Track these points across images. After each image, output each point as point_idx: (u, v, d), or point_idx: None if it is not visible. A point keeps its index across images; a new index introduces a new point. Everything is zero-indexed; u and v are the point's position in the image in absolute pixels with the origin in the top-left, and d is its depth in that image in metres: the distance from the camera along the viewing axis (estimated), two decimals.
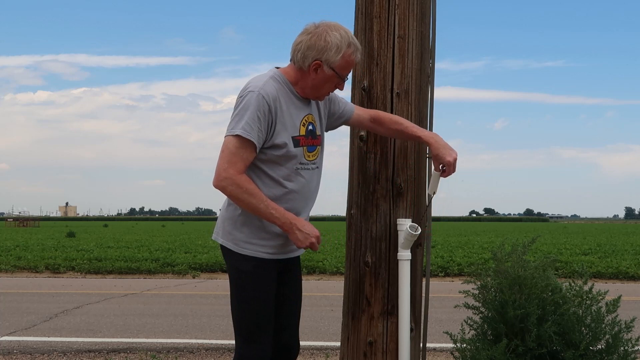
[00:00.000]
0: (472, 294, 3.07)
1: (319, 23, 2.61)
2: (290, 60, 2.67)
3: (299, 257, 2.81)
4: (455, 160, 2.74)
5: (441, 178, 2.78)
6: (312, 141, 2.68)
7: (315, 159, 2.71)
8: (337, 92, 2.77)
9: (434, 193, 2.84)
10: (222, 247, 2.68)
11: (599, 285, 3.63)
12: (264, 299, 2.63)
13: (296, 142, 2.60)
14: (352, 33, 2.71)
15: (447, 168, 2.74)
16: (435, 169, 2.78)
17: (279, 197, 2.59)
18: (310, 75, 2.60)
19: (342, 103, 2.87)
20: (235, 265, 2.63)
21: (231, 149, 2.48)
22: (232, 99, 2.65)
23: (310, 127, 2.69)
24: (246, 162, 2.50)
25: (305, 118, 2.67)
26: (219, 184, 2.50)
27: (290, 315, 2.81)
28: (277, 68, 2.69)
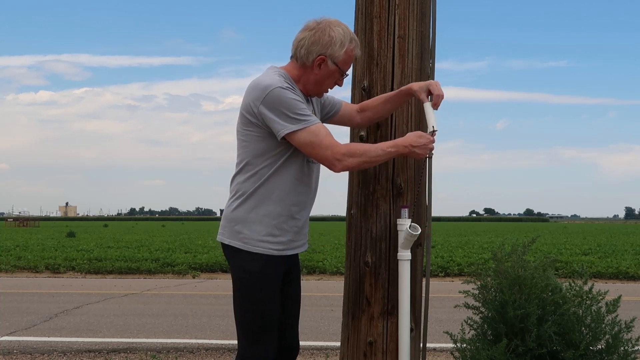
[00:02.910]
0: (472, 294, 3.07)
1: (320, 19, 2.65)
2: (292, 58, 2.68)
3: (298, 255, 2.82)
4: (435, 81, 2.75)
5: (435, 112, 2.71)
6: None
7: None
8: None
9: (434, 128, 2.66)
10: (228, 247, 2.66)
11: (599, 285, 3.64)
12: (271, 299, 2.62)
13: None
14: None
15: (432, 89, 2.69)
16: (423, 101, 2.72)
17: (291, 190, 2.61)
18: (314, 70, 2.63)
19: (331, 96, 2.92)
20: (241, 265, 2.62)
21: (314, 140, 2.52)
22: (234, 99, 2.68)
23: None
24: (330, 134, 2.56)
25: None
26: (341, 168, 2.55)
27: (292, 315, 2.81)
28: (275, 67, 2.70)
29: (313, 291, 9.72)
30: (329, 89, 2.74)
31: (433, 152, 2.75)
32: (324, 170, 2.91)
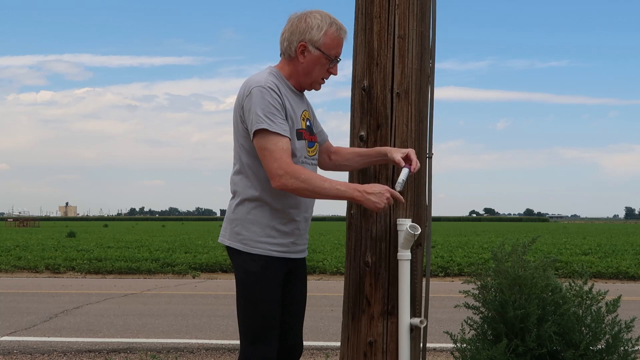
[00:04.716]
0: (472, 294, 3.07)
1: (301, 12, 2.68)
2: (280, 55, 2.70)
3: (305, 258, 2.82)
4: (411, 151, 2.72)
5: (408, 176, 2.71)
6: (310, 137, 2.72)
7: (315, 154, 2.76)
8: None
9: (398, 188, 2.68)
10: (229, 249, 2.66)
11: (599, 285, 3.64)
12: (271, 300, 2.62)
13: (299, 134, 2.64)
14: (353, 33, 2.73)
15: (412, 156, 2.71)
16: (399, 163, 2.71)
17: (288, 193, 2.60)
18: (299, 60, 2.63)
19: (321, 127, 2.91)
20: (243, 265, 2.62)
21: (268, 148, 2.48)
22: (234, 99, 2.66)
23: (308, 123, 2.73)
24: (287, 152, 2.50)
25: (303, 113, 2.70)
26: (279, 184, 2.50)
27: (295, 315, 2.81)
28: (270, 67, 2.71)
29: (313, 291, 9.70)
30: (324, 79, 2.72)
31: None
32: (324, 170, 2.91)
